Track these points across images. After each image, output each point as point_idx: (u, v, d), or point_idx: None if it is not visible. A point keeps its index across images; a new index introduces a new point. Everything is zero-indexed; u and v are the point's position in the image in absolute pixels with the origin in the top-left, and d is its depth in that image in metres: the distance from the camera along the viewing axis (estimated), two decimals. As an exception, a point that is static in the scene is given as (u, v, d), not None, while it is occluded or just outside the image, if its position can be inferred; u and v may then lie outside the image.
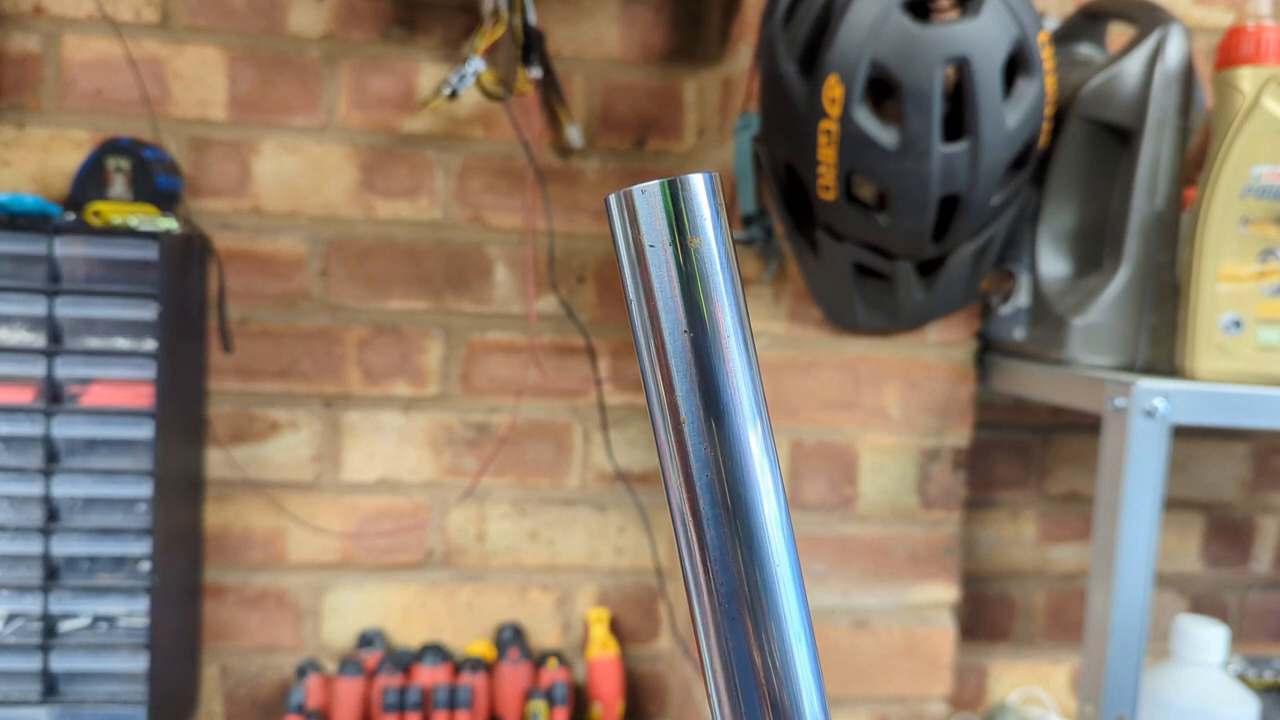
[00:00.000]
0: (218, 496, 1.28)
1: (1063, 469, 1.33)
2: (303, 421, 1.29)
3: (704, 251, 0.29)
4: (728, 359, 0.29)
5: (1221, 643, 0.91)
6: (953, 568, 1.11)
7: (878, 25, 0.85)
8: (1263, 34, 0.83)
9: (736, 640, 0.29)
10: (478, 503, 1.32)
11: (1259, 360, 0.84)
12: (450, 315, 1.30)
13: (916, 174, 0.87)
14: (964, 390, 1.08)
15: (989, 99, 0.86)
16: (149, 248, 1.08)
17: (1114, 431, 0.82)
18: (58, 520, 1.11)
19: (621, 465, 1.33)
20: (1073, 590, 1.35)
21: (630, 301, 0.30)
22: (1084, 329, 0.93)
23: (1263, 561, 1.39)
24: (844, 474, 1.08)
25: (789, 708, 0.29)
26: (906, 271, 0.97)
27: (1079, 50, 1.04)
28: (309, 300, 1.27)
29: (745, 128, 1.01)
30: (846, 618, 1.09)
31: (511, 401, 1.31)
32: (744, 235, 1.02)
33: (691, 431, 0.29)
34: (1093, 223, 0.98)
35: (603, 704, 1.30)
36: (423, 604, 1.33)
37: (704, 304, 0.29)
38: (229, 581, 1.30)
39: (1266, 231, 0.83)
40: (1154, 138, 0.91)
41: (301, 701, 1.24)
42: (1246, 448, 1.36)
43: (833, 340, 1.06)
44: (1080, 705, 0.84)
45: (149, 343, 1.09)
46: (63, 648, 1.10)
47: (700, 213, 0.29)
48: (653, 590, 1.36)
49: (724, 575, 0.29)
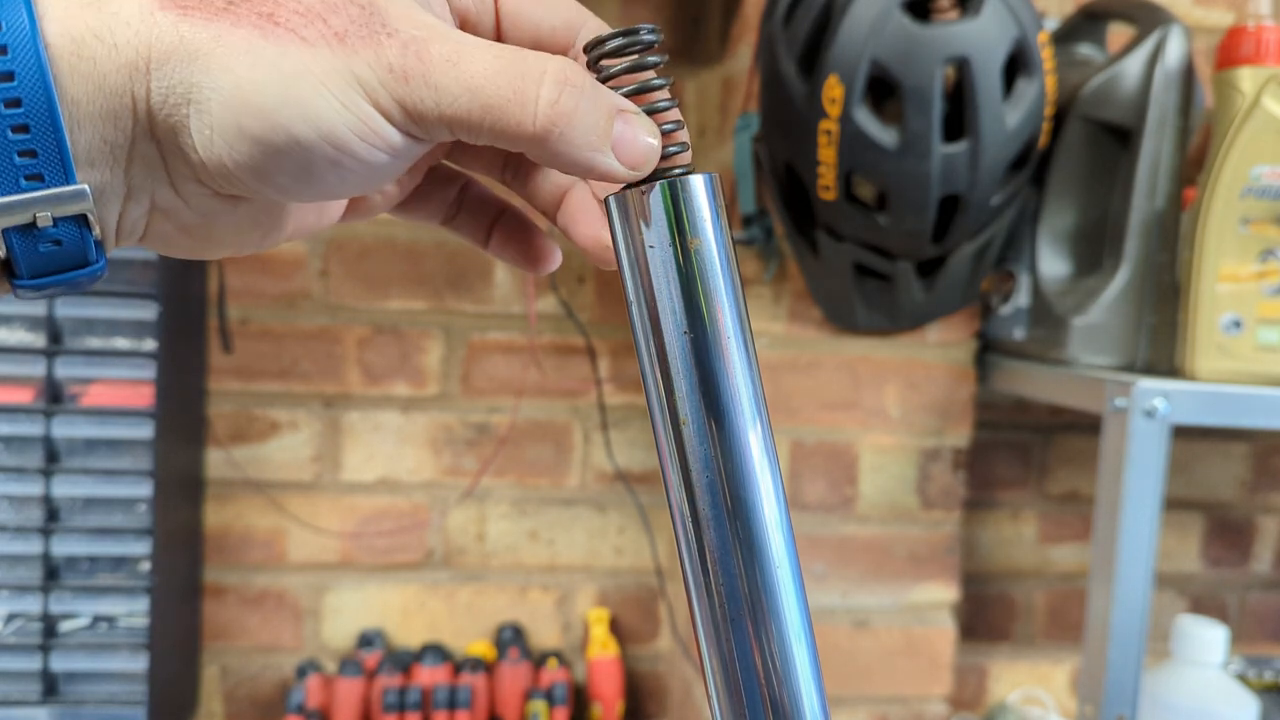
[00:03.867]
0: (218, 496, 1.28)
1: (1063, 469, 1.33)
2: (303, 421, 1.29)
3: (704, 252, 0.29)
4: (728, 359, 0.29)
5: (1221, 643, 0.91)
6: (953, 568, 1.11)
7: (878, 25, 0.85)
8: (1263, 34, 0.83)
9: (736, 640, 0.29)
10: (478, 503, 1.32)
11: (1259, 360, 0.84)
12: (450, 315, 1.30)
13: (916, 174, 0.87)
14: (964, 390, 1.08)
15: (989, 99, 0.86)
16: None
17: (1114, 431, 0.82)
18: (58, 520, 1.11)
19: (621, 465, 1.33)
20: (1073, 590, 1.35)
21: (630, 302, 0.30)
22: (1084, 329, 0.93)
23: (1263, 561, 1.39)
24: (844, 474, 1.08)
25: (789, 708, 0.29)
26: (906, 271, 0.97)
27: (1079, 50, 1.04)
28: (309, 300, 1.27)
29: (745, 128, 1.01)
30: (846, 618, 1.09)
31: (511, 401, 1.31)
32: (744, 235, 1.02)
33: (691, 432, 0.29)
34: (1093, 223, 0.98)
35: (603, 704, 1.30)
36: (423, 604, 1.33)
37: (704, 304, 0.29)
38: (229, 581, 1.30)
39: (1266, 231, 0.83)
40: (1154, 138, 0.91)
41: (301, 701, 1.24)
42: (1246, 448, 1.36)
43: (833, 340, 1.06)
44: (1080, 705, 0.84)
45: (149, 343, 1.09)
46: (63, 648, 1.10)
47: (700, 213, 0.29)
48: (653, 590, 1.36)
49: (724, 576, 0.29)
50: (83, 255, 0.28)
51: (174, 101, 0.27)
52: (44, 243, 0.27)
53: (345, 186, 0.29)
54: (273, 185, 0.28)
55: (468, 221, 0.37)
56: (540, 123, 0.28)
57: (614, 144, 0.29)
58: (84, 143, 0.27)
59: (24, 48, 0.25)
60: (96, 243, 0.28)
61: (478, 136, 0.28)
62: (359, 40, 0.27)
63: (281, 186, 0.28)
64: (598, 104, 0.29)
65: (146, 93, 0.27)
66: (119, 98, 0.27)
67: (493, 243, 0.37)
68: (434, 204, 0.37)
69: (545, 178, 0.35)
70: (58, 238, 0.27)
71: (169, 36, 0.26)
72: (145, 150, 0.28)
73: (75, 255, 0.28)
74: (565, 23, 0.32)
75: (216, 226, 0.31)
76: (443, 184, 0.37)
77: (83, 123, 0.26)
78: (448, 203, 0.37)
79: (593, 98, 0.28)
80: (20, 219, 0.27)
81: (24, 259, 0.27)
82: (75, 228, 0.27)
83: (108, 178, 0.28)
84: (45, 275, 0.28)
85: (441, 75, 0.27)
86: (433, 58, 0.27)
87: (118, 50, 0.26)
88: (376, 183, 0.30)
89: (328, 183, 0.29)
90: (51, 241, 0.27)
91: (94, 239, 0.28)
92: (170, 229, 0.30)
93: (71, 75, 0.26)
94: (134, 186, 0.28)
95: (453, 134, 0.28)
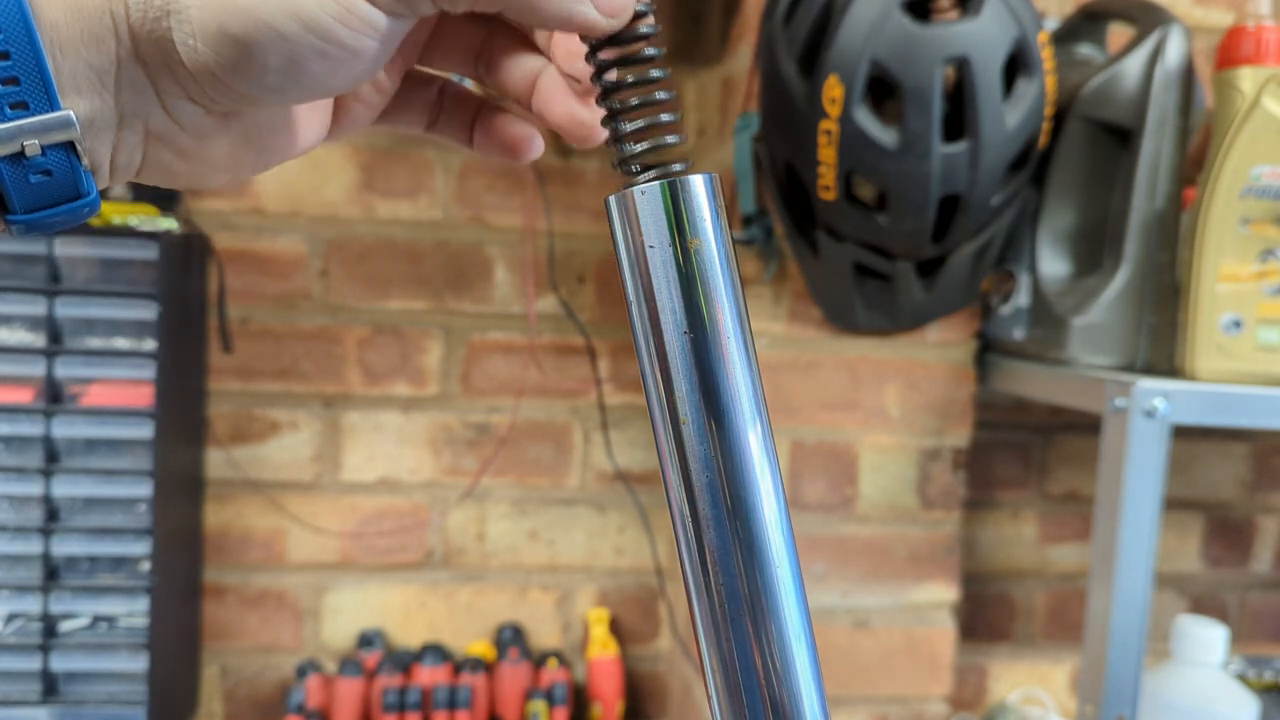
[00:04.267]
0: (218, 496, 1.28)
1: (1063, 469, 1.33)
2: (303, 421, 1.29)
3: (704, 252, 0.29)
4: (728, 359, 0.29)
5: (1221, 643, 0.91)
6: (953, 568, 1.11)
7: (878, 25, 0.85)
8: (1263, 34, 0.83)
9: (736, 640, 0.29)
10: (478, 503, 1.32)
11: (1259, 360, 0.84)
12: (450, 315, 1.30)
13: (916, 174, 0.87)
14: (964, 390, 1.08)
15: (989, 99, 0.86)
16: (149, 248, 1.08)
17: (1114, 431, 0.82)
18: (58, 520, 1.11)
19: (621, 465, 1.33)
20: (1073, 590, 1.35)
21: (630, 302, 0.30)
22: (1084, 329, 0.93)
23: (1263, 561, 1.39)
24: (844, 474, 1.08)
25: (789, 708, 0.29)
26: (906, 271, 0.97)
27: (1079, 50, 1.04)
28: (309, 300, 1.27)
29: (745, 128, 1.01)
30: (846, 618, 1.09)
31: (511, 401, 1.31)
32: (744, 235, 1.02)
33: (691, 432, 0.29)
34: (1093, 223, 0.98)
35: (603, 704, 1.30)
36: (423, 604, 1.33)
37: (704, 304, 0.29)
38: (229, 581, 1.29)
39: (1266, 231, 0.83)
40: (1154, 138, 0.91)
41: (301, 701, 1.24)
42: (1246, 448, 1.36)
43: (833, 340, 1.06)
44: (1080, 705, 0.84)
45: (149, 343, 1.09)
46: (63, 648, 1.10)
47: (700, 213, 0.29)
48: (653, 590, 1.36)
49: (724, 576, 0.29)
50: (74, 186, 0.28)
51: (153, 15, 0.27)
52: (34, 173, 0.27)
53: (334, 79, 0.29)
54: (261, 85, 0.28)
55: (450, 122, 0.38)
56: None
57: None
58: (68, 69, 0.27)
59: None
60: (87, 173, 0.28)
61: (458, 3, 0.28)
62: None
63: (270, 85, 0.28)
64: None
65: (125, 10, 0.27)
66: (98, 20, 0.27)
67: (476, 138, 0.37)
68: (416, 108, 0.37)
69: (515, 65, 0.35)
70: (47, 167, 0.27)
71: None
72: (132, 73, 0.28)
73: (66, 186, 0.28)
74: None
75: (211, 147, 0.31)
76: (421, 87, 0.37)
77: (64, 48, 0.27)
78: (429, 105, 0.37)
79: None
80: (8, 149, 0.27)
81: (15, 190, 0.27)
82: (65, 156, 0.27)
83: (97, 105, 0.28)
84: (38, 210, 0.28)
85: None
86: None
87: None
88: (364, 72, 0.30)
89: (315, 76, 0.29)
90: (41, 172, 0.27)
91: (84, 169, 0.28)
92: (167, 156, 0.30)
93: (48, 1, 0.26)
94: (125, 113, 0.28)
95: (435, 5, 0.28)
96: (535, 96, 0.35)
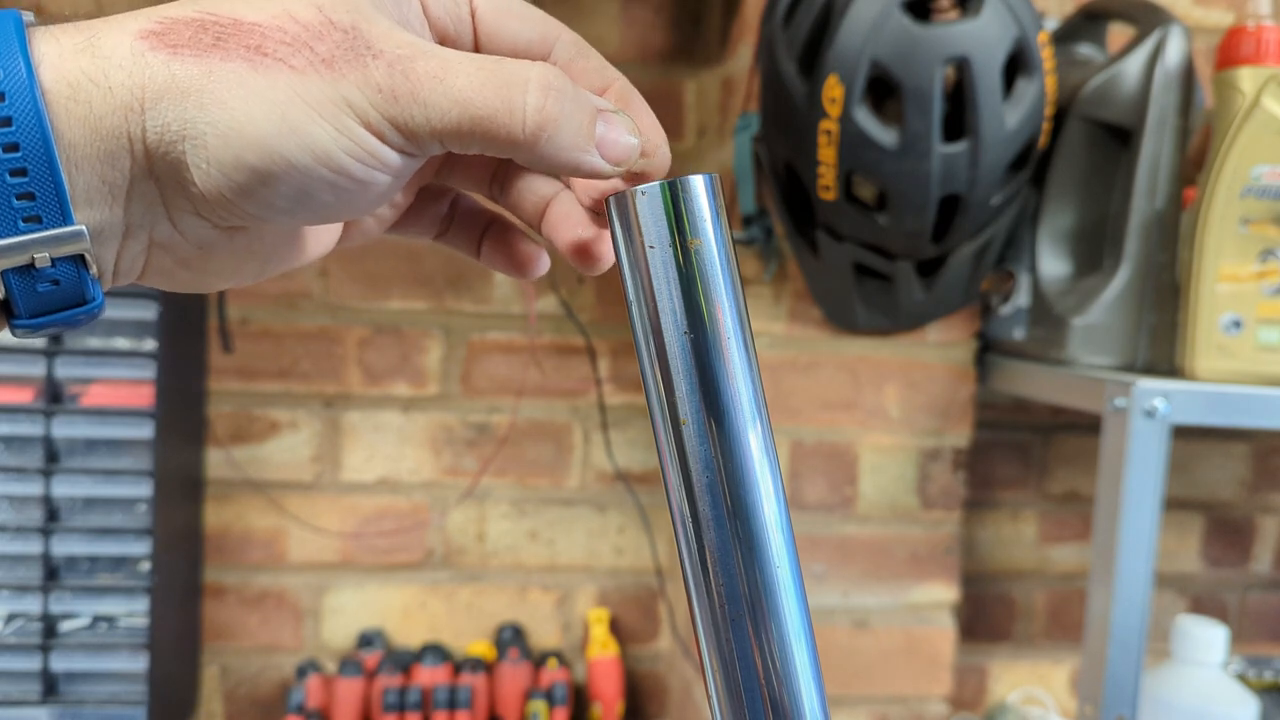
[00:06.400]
0: (218, 496, 1.28)
1: (1063, 469, 1.33)
2: (303, 421, 1.29)
3: (704, 252, 0.29)
4: (728, 359, 0.29)
5: (1221, 643, 0.91)
6: (953, 568, 1.11)
7: (878, 25, 0.85)
8: (1263, 34, 0.83)
9: (736, 640, 0.29)
10: (478, 503, 1.32)
11: (1259, 360, 0.84)
12: (450, 315, 1.30)
13: (916, 174, 0.87)
14: (964, 390, 1.08)
15: (989, 99, 0.86)
16: (149, 248, 1.08)
17: (1114, 431, 0.82)
18: (58, 520, 1.11)
19: (621, 465, 1.33)
20: (1073, 590, 1.35)
21: (630, 302, 0.30)
22: (1084, 329, 0.93)
23: (1263, 561, 1.39)
24: (844, 474, 1.08)
25: (789, 708, 0.29)
26: (906, 271, 0.97)
27: (1079, 50, 1.04)
28: (309, 300, 1.27)
29: (745, 128, 1.01)
30: (846, 618, 1.09)
31: (511, 401, 1.31)
32: (744, 235, 1.02)
33: (691, 432, 0.29)
34: (1093, 223, 0.98)
35: (603, 704, 1.30)
36: (423, 604, 1.33)
37: (704, 304, 0.29)
38: (229, 581, 1.30)
39: (1266, 231, 0.83)
40: (1154, 138, 0.91)
41: (301, 701, 1.24)
42: (1246, 448, 1.36)
43: (833, 340, 1.06)
44: (1080, 705, 0.84)
45: (149, 343, 1.09)
46: (63, 648, 1.10)
47: (700, 213, 0.29)
48: (653, 590, 1.36)
49: (724, 576, 0.29)
50: (80, 293, 0.28)
51: (170, 139, 0.27)
52: (42, 282, 0.28)
53: (344, 207, 0.30)
54: (272, 210, 0.29)
55: (459, 234, 0.38)
56: (529, 129, 0.29)
57: (598, 143, 0.30)
58: (82, 184, 0.27)
59: (21, 94, 0.26)
60: (94, 281, 0.29)
61: (469, 146, 0.29)
62: (346, 64, 0.27)
63: (281, 210, 0.29)
64: (581, 106, 0.30)
65: (142, 132, 0.27)
66: (115, 139, 0.27)
67: (484, 252, 0.38)
68: (426, 220, 0.38)
69: (529, 189, 0.36)
70: (56, 277, 0.28)
71: (161, 76, 0.27)
72: (144, 188, 0.28)
73: (73, 294, 0.28)
74: (541, 36, 0.33)
75: (214, 258, 0.31)
76: (434, 200, 0.38)
77: (80, 164, 0.27)
78: (439, 218, 0.38)
79: (575, 100, 0.29)
80: (18, 260, 0.27)
81: (22, 299, 0.28)
82: (73, 267, 0.28)
83: (106, 216, 0.28)
84: (43, 314, 0.28)
85: (429, 91, 0.28)
86: (419, 74, 0.28)
87: (112, 93, 0.27)
88: (373, 202, 0.30)
89: (326, 204, 0.29)
90: (50, 281, 0.28)
91: (91, 277, 0.28)
92: (169, 263, 0.31)
93: (68, 119, 0.26)
94: (132, 224, 0.29)
95: (444, 146, 0.29)
96: (545, 221, 0.36)
